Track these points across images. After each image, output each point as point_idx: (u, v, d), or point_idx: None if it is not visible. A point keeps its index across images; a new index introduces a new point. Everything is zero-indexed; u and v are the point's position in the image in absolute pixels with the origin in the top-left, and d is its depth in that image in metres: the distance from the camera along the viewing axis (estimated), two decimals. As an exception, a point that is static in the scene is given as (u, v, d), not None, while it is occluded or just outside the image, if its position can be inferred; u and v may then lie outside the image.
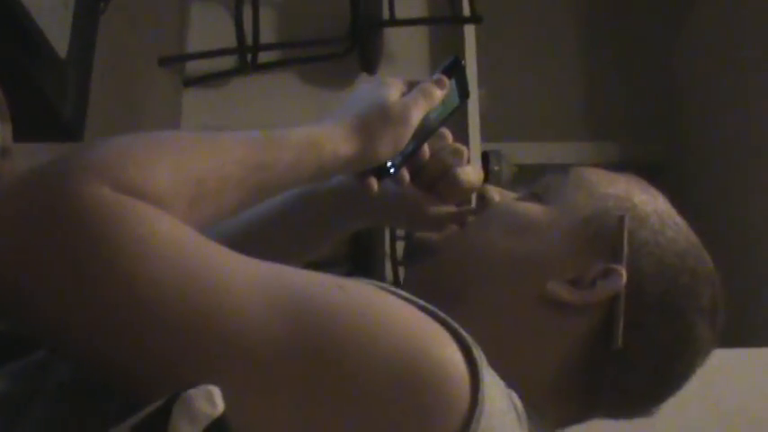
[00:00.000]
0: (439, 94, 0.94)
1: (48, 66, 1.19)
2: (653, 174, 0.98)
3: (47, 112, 1.19)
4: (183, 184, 0.72)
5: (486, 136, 3.08)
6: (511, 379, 0.79)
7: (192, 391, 0.60)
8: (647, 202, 0.92)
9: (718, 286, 0.91)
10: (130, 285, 0.65)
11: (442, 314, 0.73)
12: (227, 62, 3.43)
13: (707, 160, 3.35)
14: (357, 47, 3.19)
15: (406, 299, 0.74)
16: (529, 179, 1.01)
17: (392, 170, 0.92)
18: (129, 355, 0.66)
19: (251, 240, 0.90)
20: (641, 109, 3.65)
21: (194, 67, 3.46)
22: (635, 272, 0.87)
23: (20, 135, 0.76)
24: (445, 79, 0.95)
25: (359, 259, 2.65)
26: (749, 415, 2.40)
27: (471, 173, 0.98)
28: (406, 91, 0.92)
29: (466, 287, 0.89)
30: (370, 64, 3.24)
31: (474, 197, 1.02)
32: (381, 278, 2.62)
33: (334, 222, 1.02)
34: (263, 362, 0.66)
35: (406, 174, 0.94)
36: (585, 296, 0.86)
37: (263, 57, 3.41)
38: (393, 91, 0.91)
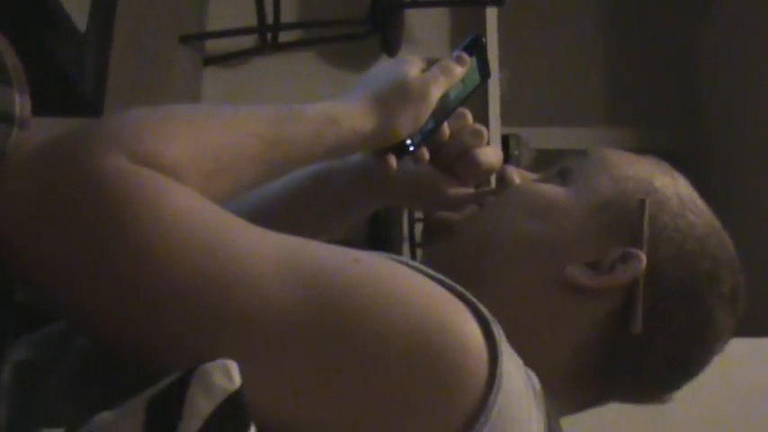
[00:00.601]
0: (459, 71, 0.93)
1: (66, 40, 1.18)
2: (671, 161, 0.97)
3: (65, 86, 1.19)
4: (200, 157, 0.72)
5: (505, 120, 3.07)
6: (527, 361, 0.78)
7: (209, 365, 0.60)
8: (669, 186, 0.91)
9: (740, 273, 0.90)
10: (147, 256, 0.64)
11: (460, 288, 0.73)
12: (248, 41, 3.43)
13: (726, 148, 3.34)
14: (378, 28, 3.18)
15: (424, 273, 0.73)
16: (548, 164, 1.00)
17: (412, 148, 0.92)
18: (144, 327, 0.66)
19: (268, 216, 0.90)
20: (661, 96, 3.64)
21: (214, 46, 3.46)
22: (655, 257, 0.86)
23: (37, 109, 0.75)
24: (466, 56, 0.95)
25: (377, 240, 2.65)
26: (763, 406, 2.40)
27: (491, 154, 0.97)
28: (425, 68, 0.92)
29: (483, 268, 0.89)
30: (390, 45, 3.24)
31: (494, 178, 1.02)
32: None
33: (352, 200, 1.01)
34: (278, 335, 0.65)
35: (425, 152, 0.93)
36: (604, 280, 0.85)
37: (284, 36, 3.41)
38: (413, 68, 0.90)
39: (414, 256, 2.69)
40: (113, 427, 0.58)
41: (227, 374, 0.60)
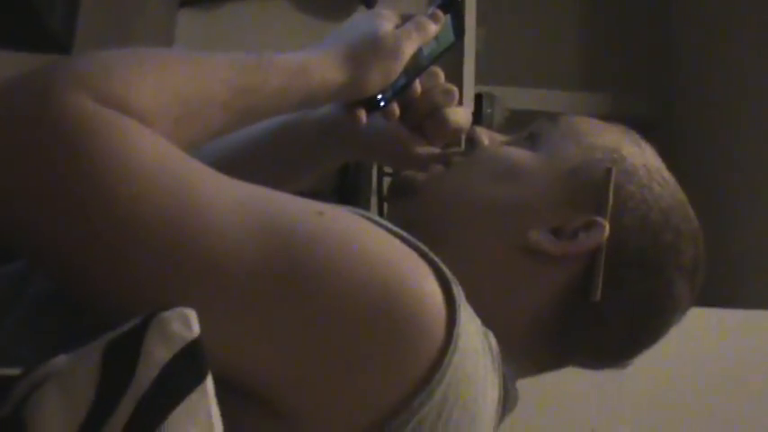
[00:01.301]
0: (433, 28, 0.93)
1: (37, -27, 1.16)
2: (643, 128, 0.98)
3: (34, 21, 1.17)
4: (168, 102, 0.71)
5: (480, 78, 3.06)
6: (486, 322, 0.79)
7: (167, 313, 0.60)
8: (636, 156, 0.91)
9: (701, 246, 0.91)
10: (109, 200, 0.64)
11: (422, 247, 0.73)
12: (224, -15, 3.38)
13: (698, 117, 3.35)
14: (356, -21, 3.14)
15: (389, 230, 0.73)
16: (521, 125, 1.00)
17: (382, 103, 0.91)
18: (105, 272, 0.65)
19: (234, 165, 0.89)
20: (636, 63, 3.63)
21: (190, -12, 3.40)
22: (618, 226, 0.86)
23: (5, 45, 0.74)
24: (441, 14, 0.94)
25: (345, 193, 2.65)
26: (722, 374, 2.43)
27: (461, 114, 0.97)
28: (399, 24, 0.91)
29: (446, 229, 0.89)
30: (368, -3, 3.20)
31: (462, 139, 1.01)
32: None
33: (319, 153, 1.01)
34: (238, 284, 0.65)
35: (395, 108, 0.93)
36: (566, 247, 0.85)
37: (261, -18, 3.36)
38: (386, 23, 0.90)
39: (381, 210, 2.68)
40: (69, 371, 0.58)
41: (186, 323, 0.60)
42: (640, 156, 0.91)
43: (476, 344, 0.74)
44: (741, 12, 3.05)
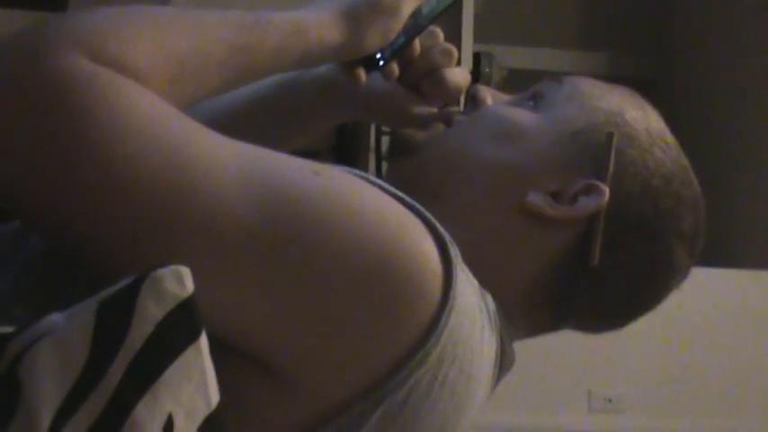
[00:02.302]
0: None
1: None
2: (642, 87, 0.97)
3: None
4: (164, 61, 0.71)
5: (478, 37, 3.04)
6: (483, 284, 0.79)
7: (161, 271, 0.60)
8: (639, 120, 0.90)
9: (702, 212, 0.91)
10: (104, 158, 0.63)
11: (420, 208, 0.73)
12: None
13: (698, 76, 3.34)
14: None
15: (385, 190, 0.73)
16: (519, 84, 0.99)
17: (381, 62, 0.91)
18: (100, 230, 0.65)
19: (231, 124, 0.89)
20: (635, 23, 3.62)
21: (188, -56, 3.38)
22: (618, 191, 0.86)
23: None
24: None
25: (343, 150, 2.64)
26: (718, 332, 2.44)
27: (459, 74, 0.96)
28: None
29: (444, 188, 0.88)
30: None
31: (463, 98, 1.01)
32: (364, 171, 2.61)
33: (317, 112, 1.00)
34: (233, 243, 0.65)
35: (395, 67, 0.92)
36: (565, 211, 0.85)
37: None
38: None
39: (379, 169, 2.68)
40: (63, 330, 0.58)
41: (180, 280, 0.60)
42: (643, 120, 0.91)
43: (472, 304, 0.74)
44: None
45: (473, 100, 0.96)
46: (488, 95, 0.96)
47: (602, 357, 2.45)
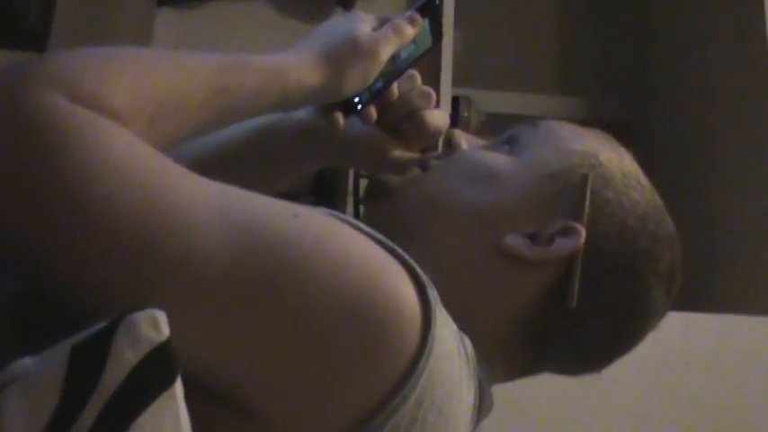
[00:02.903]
0: (410, 31, 0.93)
1: (12, -31, 1.15)
2: (620, 132, 0.97)
3: (8, 17, 1.16)
4: (143, 101, 0.71)
5: (457, 80, 3.06)
6: (462, 327, 0.78)
7: (136, 315, 0.59)
8: (614, 161, 0.91)
9: (678, 252, 0.91)
10: (81, 198, 0.63)
11: (398, 250, 0.73)
12: (204, -16, 3.37)
13: (674, 121, 3.37)
14: (334, -20, 3.14)
15: (364, 232, 0.73)
16: (498, 128, 1.00)
17: (359, 106, 0.91)
18: (76, 270, 0.64)
19: (209, 166, 0.89)
20: (613, 67, 3.65)
21: (169, -13, 3.39)
22: (595, 232, 0.86)
23: (-23, 41, 0.73)
24: (418, 17, 0.94)
25: (321, 193, 2.64)
26: (696, 376, 2.44)
27: (438, 117, 0.97)
28: (377, 26, 0.91)
29: (421, 231, 0.88)
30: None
31: (440, 142, 1.01)
32: (342, 213, 2.61)
33: (295, 156, 1.00)
34: (210, 285, 0.65)
35: (373, 111, 0.92)
36: (543, 252, 0.85)
37: (240, -18, 3.36)
38: (364, 25, 0.89)
39: (357, 211, 2.68)
40: (34, 374, 0.57)
41: (155, 325, 0.59)
42: (618, 161, 0.91)
43: (451, 348, 0.74)
44: (716, 16, 3.07)
45: (448, 144, 0.97)
46: (463, 140, 0.97)
47: (574, 404, 2.44)
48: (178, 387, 0.60)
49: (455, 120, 3.01)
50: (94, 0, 2.53)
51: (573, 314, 0.85)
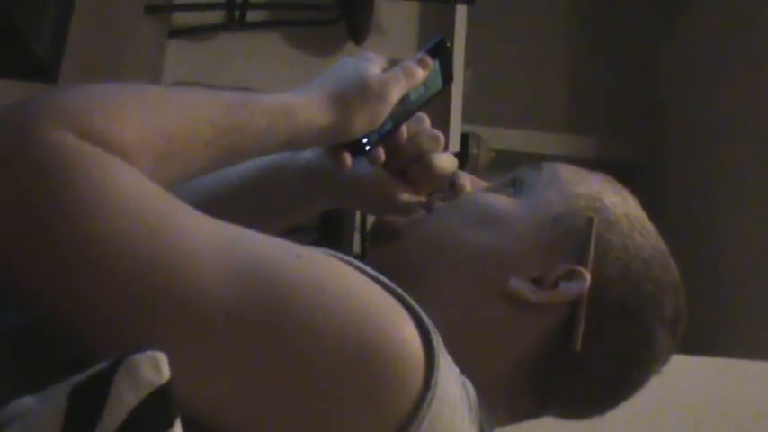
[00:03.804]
0: (421, 74, 0.93)
1: (25, 0, 1.16)
2: (629, 172, 0.97)
3: (20, 48, 1.16)
4: (151, 139, 0.71)
5: (467, 118, 3.07)
6: (464, 370, 0.78)
7: (137, 357, 0.59)
8: (618, 205, 0.91)
9: (682, 296, 0.90)
10: (86, 236, 0.63)
11: (402, 293, 0.72)
12: (215, 16, 3.39)
13: (684, 162, 3.37)
14: (346, 15, 3.16)
15: (368, 274, 0.73)
16: (506, 166, 1.00)
17: (367, 147, 0.91)
18: (79, 309, 0.64)
19: (217, 204, 0.89)
20: (623, 107, 3.66)
21: (181, 19, 3.42)
22: (599, 276, 0.86)
23: (-11, 71, 0.73)
24: (429, 60, 0.94)
25: (328, 230, 2.64)
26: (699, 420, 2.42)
27: (446, 160, 0.97)
28: (387, 68, 0.91)
29: (426, 274, 0.88)
30: (358, 34, 3.22)
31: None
32: (349, 251, 2.61)
33: (302, 196, 1.00)
34: (212, 326, 0.64)
35: (381, 152, 0.92)
36: (547, 296, 0.85)
37: (252, 15, 3.38)
38: (374, 66, 0.90)
39: (363, 249, 2.69)
40: (34, 414, 0.57)
41: (156, 367, 0.59)
42: (622, 205, 0.91)
43: (454, 392, 0.73)
44: (726, 58, 3.08)
45: (452, 187, 0.96)
46: (467, 182, 0.97)
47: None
48: (177, 429, 0.59)
49: (464, 156, 3.01)
50: (106, 31, 2.55)
51: (576, 358, 0.85)
